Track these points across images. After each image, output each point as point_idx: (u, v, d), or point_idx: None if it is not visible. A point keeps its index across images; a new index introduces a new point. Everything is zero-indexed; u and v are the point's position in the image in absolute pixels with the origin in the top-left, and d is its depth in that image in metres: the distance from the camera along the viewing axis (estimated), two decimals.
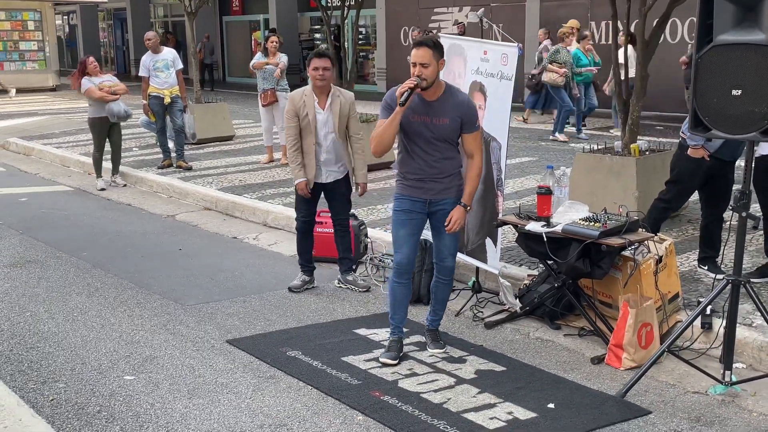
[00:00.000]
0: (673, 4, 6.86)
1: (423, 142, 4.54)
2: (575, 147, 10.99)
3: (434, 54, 4.39)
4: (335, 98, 5.76)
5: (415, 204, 4.66)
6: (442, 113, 4.49)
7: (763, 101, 3.81)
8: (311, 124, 5.71)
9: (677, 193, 5.93)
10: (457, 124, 4.52)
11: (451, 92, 4.55)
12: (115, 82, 9.93)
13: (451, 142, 4.58)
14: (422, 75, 4.36)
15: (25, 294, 5.99)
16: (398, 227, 4.71)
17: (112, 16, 34.55)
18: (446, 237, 4.72)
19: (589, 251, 4.78)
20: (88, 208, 9.09)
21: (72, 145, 13.09)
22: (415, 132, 4.53)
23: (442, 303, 4.92)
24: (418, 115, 4.49)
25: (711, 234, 5.78)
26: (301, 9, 25.52)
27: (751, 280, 4.42)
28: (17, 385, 4.41)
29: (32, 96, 22.93)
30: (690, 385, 4.37)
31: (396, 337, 4.78)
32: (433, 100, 4.50)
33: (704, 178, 5.77)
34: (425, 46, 4.38)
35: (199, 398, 4.24)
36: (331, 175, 5.88)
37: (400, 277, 4.72)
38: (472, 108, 4.59)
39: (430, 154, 4.56)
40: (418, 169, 4.60)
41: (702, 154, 5.65)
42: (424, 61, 4.36)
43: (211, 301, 5.82)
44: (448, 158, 4.59)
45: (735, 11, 3.86)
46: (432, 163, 4.57)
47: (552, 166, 5.48)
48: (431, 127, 4.50)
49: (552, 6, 17.23)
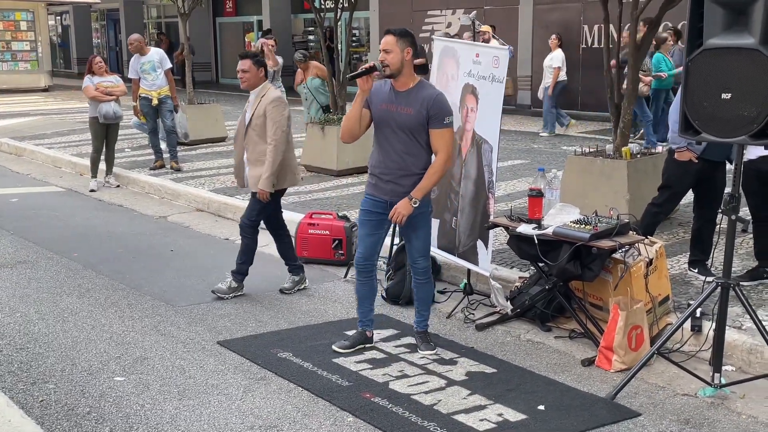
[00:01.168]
0: (664, 8, 6.88)
1: (388, 131, 4.61)
2: (566, 150, 11.02)
3: (398, 42, 4.49)
4: (261, 99, 5.69)
5: (376, 204, 4.71)
6: (407, 104, 4.55)
7: (752, 105, 3.83)
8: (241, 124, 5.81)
9: (668, 198, 5.95)
10: (423, 117, 4.52)
11: (421, 86, 4.61)
12: (116, 83, 9.92)
13: (414, 136, 4.56)
14: (384, 60, 4.48)
15: (16, 294, 5.97)
16: (359, 226, 4.87)
17: (105, 16, 34.44)
18: (414, 240, 4.75)
19: (580, 254, 4.79)
20: (80, 209, 9.07)
21: (64, 146, 13.06)
22: (382, 120, 4.62)
23: (425, 303, 4.93)
24: (386, 103, 4.60)
25: (702, 237, 5.80)
26: (294, 10, 25.50)
27: (740, 283, 4.44)
28: (7, 385, 4.40)
29: (24, 96, 22.85)
30: (679, 387, 4.38)
31: (360, 329, 4.93)
32: (402, 90, 4.58)
33: (694, 181, 5.79)
34: (390, 33, 4.52)
35: (189, 399, 4.23)
36: (253, 180, 5.77)
37: (360, 275, 4.85)
38: (440, 103, 4.57)
39: (392, 144, 4.60)
40: (381, 162, 4.66)
41: (688, 157, 5.67)
42: (386, 48, 4.49)
43: (203, 302, 5.81)
44: (410, 154, 4.58)
45: (725, 15, 3.88)
46: (393, 157, 4.60)
47: (543, 169, 5.50)
48: (396, 116, 4.56)
49: (545, 9, 17.27)
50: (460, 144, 5.70)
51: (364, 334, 4.93)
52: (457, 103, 5.71)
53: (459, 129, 5.70)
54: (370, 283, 4.88)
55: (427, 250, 4.84)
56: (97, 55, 10.30)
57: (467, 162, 5.63)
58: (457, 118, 5.70)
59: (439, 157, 4.58)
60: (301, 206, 8.24)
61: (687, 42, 4.06)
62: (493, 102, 5.42)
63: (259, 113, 5.67)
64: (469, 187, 5.63)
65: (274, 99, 5.67)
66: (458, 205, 5.72)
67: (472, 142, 5.58)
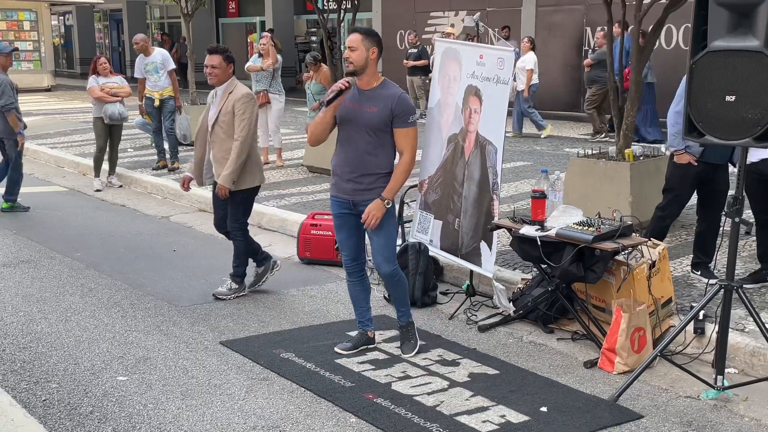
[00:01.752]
0: (668, 10, 6.88)
1: (351, 130, 4.58)
2: (569, 152, 11.02)
3: (364, 40, 4.48)
4: (228, 95, 5.66)
5: (342, 205, 4.71)
6: (372, 102, 4.53)
7: (756, 107, 3.83)
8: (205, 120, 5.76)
9: (670, 201, 5.93)
10: (386, 115, 4.51)
11: (385, 85, 4.61)
12: (121, 84, 9.93)
13: (377, 135, 4.54)
14: (349, 57, 4.47)
15: (19, 294, 5.97)
16: (336, 231, 4.86)
17: (108, 17, 34.48)
18: (374, 240, 4.68)
19: (583, 255, 4.79)
20: (83, 209, 9.08)
21: (67, 146, 13.07)
22: (345, 118, 4.58)
23: (400, 301, 4.87)
24: (349, 101, 4.56)
25: (705, 240, 5.78)
26: (297, 11, 25.53)
27: (743, 285, 4.44)
28: (10, 385, 4.40)
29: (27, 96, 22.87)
30: (682, 389, 4.38)
31: (361, 330, 4.94)
32: (366, 89, 4.56)
33: (695, 184, 5.79)
34: (356, 32, 4.51)
35: (192, 399, 4.23)
36: (211, 176, 5.80)
37: (351, 277, 4.86)
38: (404, 102, 4.56)
39: (355, 143, 4.58)
40: (342, 161, 4.64)
41: (687, 160, 5.67)
42: (351, 45, 4.48)
43: (205, 302, 5.82)
44: (371, 153, 4.56)
45: (729, 17, 3.88)
46: (355, 156, 4.58)
47: (546, 170, 5.50)
48: (359, 115, 4.53)
49: (548, 11, 17.28)
50: (463, 145, 5.70)
51: (366, 334, 4.93)
52: (459, 104, 5.71)
53: (462, 130, 5.70)
54: (362, 282, 4.88)
55: (389, 252, 4.72)
56: (102, 55, 10.32)
57: (470, 163, 5.63)
58: (460, 119, 5.71)
59: (405, 156, 4.58)
60: (303, 207, 8.25)
61: (691, 44, 4.06)
62: (498, 103, 5.42)
63: (226, 110, 5.62)
64: (472, 189, 5.63)
65: (243, 96, 5.62)
66: (461, 207, 5.72)
67: (476, 143, 5.58)
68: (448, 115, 5.85)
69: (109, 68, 9.98)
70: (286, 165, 10.90)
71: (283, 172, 10.42)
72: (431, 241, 5.98)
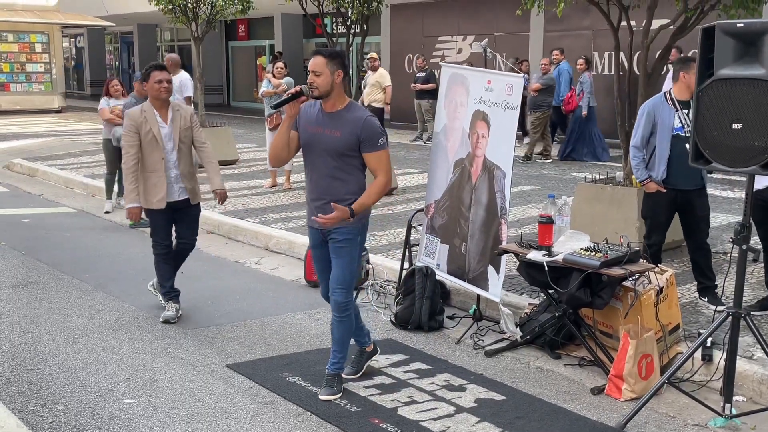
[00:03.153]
0: (675, 37, 6.92)
1: (314, 155, 4.45)
2: (577, 176, 11.03)
3: (328, 64, 4.30)
4: (175, 112, 5.75)
5: (315, 235, 4.60)
6: (336, 126, 4.38)
7: (763, 135, 3.84)
8: (156, 139, 5.65)
9: (650, 229, 5.87)
10: (353, 141, 4.36)
11: (351, 108, 4.45)
12: None
13: (342, 160, 4.39)
14: (314, 83, 4.31)
15: (27, 315, 5.99)
16: (314, 261, 4.76)
17: (119, 39, 34.84)
18: (334, 269, 4.50)
19: (590, 281, 4.79)
20: (91, 230, 9.12)
21: (76, 167, 13.15)
22: (309, 143, 4.45)
23: (339, 344, 4.59)
24: (312, 125, 4.41)
25: (699, 265, 5.79)
26: (306, 35, 25.74)
27: (751, 312, 4.42)
28: (17, 406, 4.41)
29: (38, 117, 23.07)
30: (690, 417, 4.36)
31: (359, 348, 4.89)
32: (331, 111, 4.41)
33: (672, 209, 5.79)
34: (320, 55, 4.34)
35: (198, 423, 4.23)
36: (183, 191, 5.81)
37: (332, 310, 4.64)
38: (371, 125, 4.38)
39: (319, 169, 4.44)
40: (311, 189, 4.53)
41: (654, 188, 5.71)
42: (316, 69, 4.31)
43: (212, 325, 5.83)
44: (337, 178, 4.40)
45: (736, 46, 3.91)
46: (321, 182, 4.43)
47: (554, 195, 5.51)
48: (323, 138, 4.40)
49: (555, 36, 17.37)
50: (470, 170, 5.72)
51: (364, 350, 4.87)
52: (466, 129, 5.75)
53: (468, 155, 5.73)
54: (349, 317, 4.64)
55: (346, 283, 4.49)
56: (114, 77, 10.40)
57: (478, 188, 5.66)
58: (467, 144, 5.74)
59: (381, 178, 4.41)
60: None
61: (698, 72, 4.09)
62: (507, 128, 5.45)
63: (185, 126, 5.77)
64: (479, 213, 5.65)
65: (190, 108, 5.89)
66: (468, 231, 5.73)
67: (483, 168, 5.60)
68: (455, 140, 5.89)
69: (122, 90, 10.07)
70: (294, 187, 10.95)
71: (290, 195, 10.46)
72: (438, 265, 5.99)
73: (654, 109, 5.67)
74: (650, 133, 5.69)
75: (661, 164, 5.64)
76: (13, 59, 25.04)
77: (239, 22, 27.32)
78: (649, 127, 5.68)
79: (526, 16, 13.02)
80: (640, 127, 5.74)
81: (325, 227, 4.43)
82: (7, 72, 24.92)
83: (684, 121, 5.56)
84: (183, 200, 5.82)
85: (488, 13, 18.65)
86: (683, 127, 5.57)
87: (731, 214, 8.81)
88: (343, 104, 4.44)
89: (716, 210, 8.87)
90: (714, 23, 4.00)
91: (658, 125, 5.63)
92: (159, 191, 5.68)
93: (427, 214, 6.15)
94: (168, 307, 5.93)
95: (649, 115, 5.68)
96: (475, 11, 19.06)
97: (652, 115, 5.66)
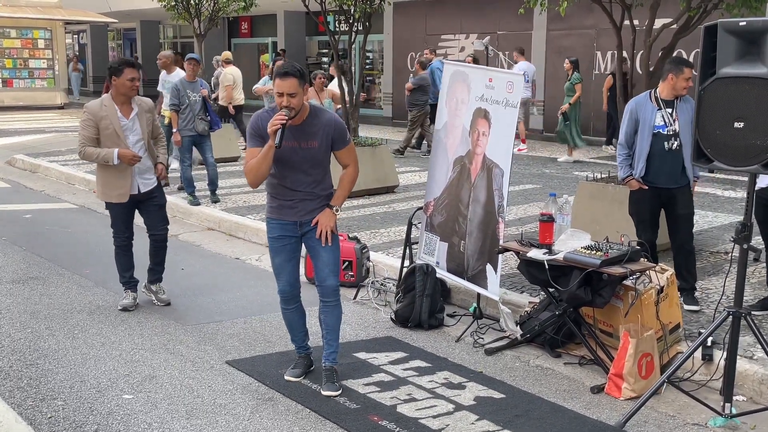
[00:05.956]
0: (677, 36, 6.91)
1: (290, 167, 4.45)
2: (579, 175, 11.02)
3: (299, 83, 4.28)
4: (139, 105, 5.80)
5: (285, 227, 4.58)
6: (310, 136, 4.42)
7: (764, 134, 3.83)
8: (116, 133, 5.66)
9: (638, 228, 5.86)
10: (327, 145, 4.47)
11: (316, 113, 4.47)
12: None
13: (320, 166, 4.50)
14: (291, 105, 4.27)
15: (27, 310, 5.99)
16: (273, 255, 4.66)
17: (122, 36, 34.85)
18: (323, 254, 4.54)
19: (591, 280, 4.78)
20: (92, 226, 9.12)
21: (78, 163, 13.14)
22: (286, 157, 4.41)
23: (334, 331, 4.66)
24: (285, 140, 4.33)
25: (679, 266, 5.74)
26: (309, 33, 25.73)
27: (752, 312, 4.41)
28: (16, 401, 4.41)
29: (40, 113, 23.08)
30: (690, 416, 4.35)
31: (302, 354, 4.87)
32: (299, 123, 4.40)
33: (656, 207, 5.78)
34: (291, 76, 4.26)
35: (197, 419, 4.23)
36: (145, 184, 5.88)
37: (288, 304, 4.72)
38: (340, 125, 4.52)
39: (298, 178, 4.47)
40: (285, 192, 4.53)
41: (636, 186, 5.72)
42: (291, 91, 4.25)
43: (212, 321, 5.82)
44: (317, 182, 4.52)
45: (738, 45, 3.90)
46: (299, 188, 4.49)
47: (555, 194, 5.50)
48: (299, 152, 4.42)
49: (558, 35, 17.36)
50: (469, 168, 5.71)
51: (308, 358, 4.88)
52: (467, 127, 5.74)
53: (468, 153, 5.72)
54: (299, 308, 4.77)
55: (336, 266, 4.60)
56: None
57: (476, 186, 5.65)
58: (467, 142, 5.73)
59: (352, 168, 4.64)
60: None
61: (700, 71, 4.07)
62: (506, 126, 5.44)
63: (150, 120, 5.86)
64: (477, 211, 5.64)
65: (148, 99, 5.93)
66: (466, 229, 5.72)
67: (483, 165, 5.59)
68: (455, 138, 5.88)
69: None
70: None
71: None
72: (437, 263, 5.98)
73: (637, 107, 5.70)
74: (634, 130, 5.70)
75: (640, 161, 5.66)
76: (16, 55, 25.06)
77: (242, 20, 27.32)
78: (632, 125, 5.70)
79: (529, 14, 13.01)
80: (624, 124, 5.79)
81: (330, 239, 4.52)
82: (9, 68, 24.95)
83: (667, 120, 5.56)
84: (146, 192, 5.91)
85: (491, 12, 18.63)
86: (666, 125, 5.57)
87: (733, 214, 8.79)
88: (307, 112, 4.45)
89: (718, 210, 8.86)
90: (716, 21, 3.99)
91: (640, 123, 5.65)
92: (121, 185, 5.78)
93: (427, 212, 6.14)
94: (126, 295, 6.09)
95: (632, 112, 5.70)
96: (478, 9, 19.05)
97: (635, 113, 5.68)
